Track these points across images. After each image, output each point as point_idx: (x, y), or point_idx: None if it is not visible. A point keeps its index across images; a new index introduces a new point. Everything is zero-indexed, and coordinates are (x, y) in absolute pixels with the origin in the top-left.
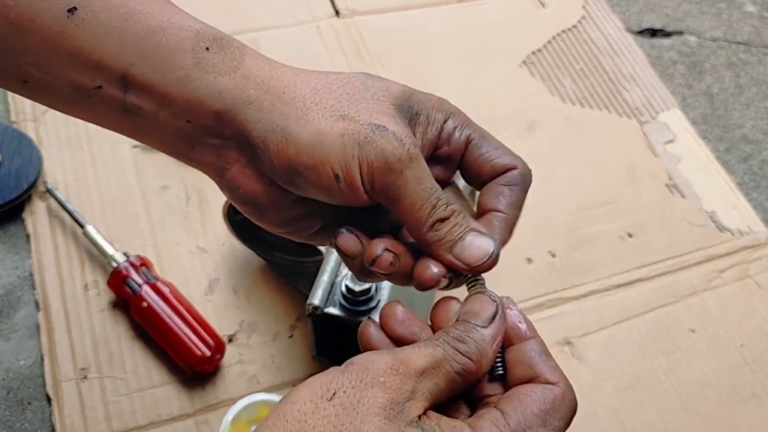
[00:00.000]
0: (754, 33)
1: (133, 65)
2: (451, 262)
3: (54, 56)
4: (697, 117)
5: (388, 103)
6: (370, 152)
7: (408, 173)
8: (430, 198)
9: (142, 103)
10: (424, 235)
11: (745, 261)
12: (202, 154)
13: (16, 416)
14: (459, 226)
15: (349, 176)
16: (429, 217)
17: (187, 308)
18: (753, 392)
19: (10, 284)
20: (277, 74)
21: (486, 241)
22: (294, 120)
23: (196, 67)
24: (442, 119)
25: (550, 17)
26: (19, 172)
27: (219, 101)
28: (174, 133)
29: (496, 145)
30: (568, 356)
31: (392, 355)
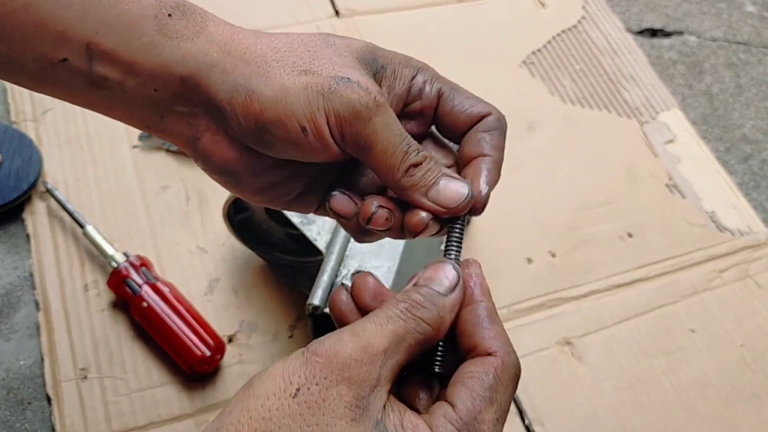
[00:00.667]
0: (754, 33)
1: (97, 34)
2: (428, 206)
3: (18, 29)
4: (697, 117)
5: (351, 57)
6: (336, 102)
7: (376, 120)
8: (401, 144)
9: (109, 73)
10: (399, 180)
11: (745, 261)
12: (173, 124)
13: (16, 416)
14: (432, 171)
15: (317, 128)
16: (402, 162)
17: (187, 308)
18: (753, 392)
19: (10, 284)
20: (238, 37)
21: (460, 184)
22: (256, 78)
23: (159, 33)
24: (410, 74)
25: (550, 17)
26: (19, 172)
27: (183, 66)
28: (143, 103)
29: (467, 95)
30: (568, 356)
31: (354, 341)
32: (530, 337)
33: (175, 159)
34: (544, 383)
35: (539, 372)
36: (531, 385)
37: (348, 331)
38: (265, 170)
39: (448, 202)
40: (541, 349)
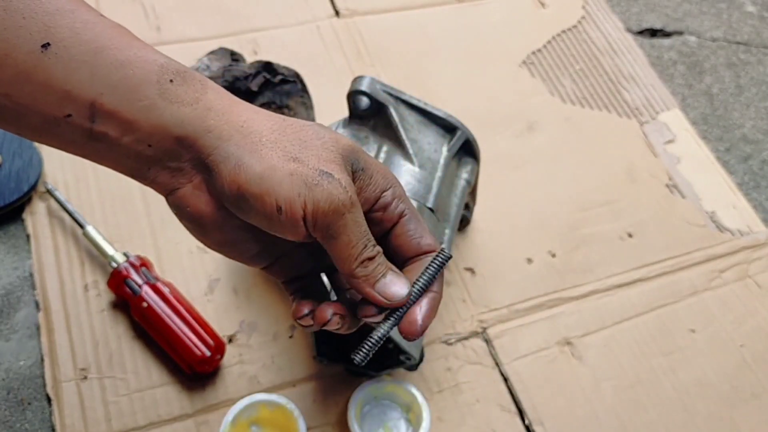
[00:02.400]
0: (754, 33)
1: (102, 95)
2: (372, 296)
3: (26, 88)
4: (697, 117)
5: (336, 153)
6: (317, 194)
7: (348, 216)
8: (363, 239)
9: (108, 130)
10: (353, 270)
11: (745, 261)
12: (157, 175)
13: (16, 416)
14: (381, 266)
15: (291, 210)
16: (360, 254)
17: (187, 308)
18: (753, 392)
19: (10, 284)
20: (237, 109)
21: (402, 282)
22: (249, 152)
23: (160, 97)
24: (383, 185)
25: (550, 17)
26: (19, 173)
27: (180, 128)
28: (134, 156)
29: (423, 227)
30: (568, 356)
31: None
32: (530, 337)
33: None
34: (544, 383)
35: (539, 372)
36: (531, 385)
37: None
38: (232, 229)
39: (389, 296)
40: (541, 349)
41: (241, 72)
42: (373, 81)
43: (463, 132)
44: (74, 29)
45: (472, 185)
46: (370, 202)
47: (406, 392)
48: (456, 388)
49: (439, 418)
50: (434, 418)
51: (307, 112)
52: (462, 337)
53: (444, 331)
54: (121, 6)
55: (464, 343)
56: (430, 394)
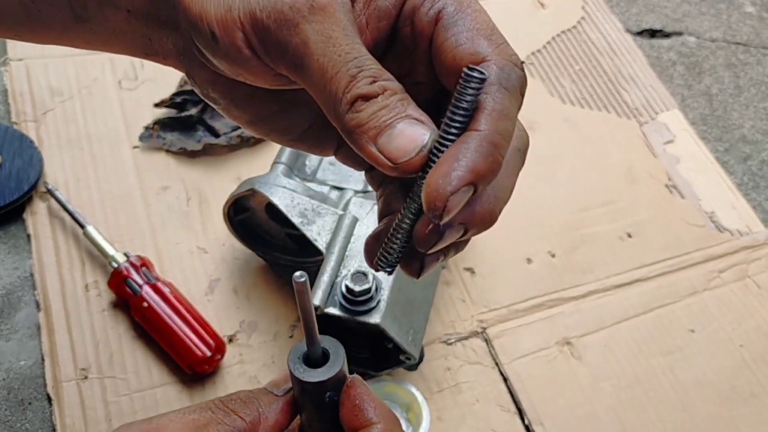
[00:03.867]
0: (753, 33)
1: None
2: (373, 156)
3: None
4: (696, 117)
5: None
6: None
7: (307, 27)
8: (347, 65)
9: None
10: (342, 116)
11: (745, 261)
12: (162, 44)
13: (16, 416)
14: (390, 110)
15: (227, 34)
16: (346, 90)
17: (187, 308)
18: (752, 392)
19: (10, 284)
20: None
21: (420, 130)
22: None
23: None
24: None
25: (549, 18)
26: (20, 173)
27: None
28: (126, 29)
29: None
30: (567, 356)
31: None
32: (530, 337)
33: (175, 159)
34: (543, 383)
35: (539, 372)
36: (530, 385)
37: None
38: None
39: (394, 154)
40: (540, 349)
41: None
42: None
43: None
44: None
45: None
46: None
47: (406, 392)
48: (456, 387)
49: (439, 417)
50: (434, 418)
51: None
52: (462, 336)
53: (444, 331)
54: None
55: (464, 342)
56: (429, 393)
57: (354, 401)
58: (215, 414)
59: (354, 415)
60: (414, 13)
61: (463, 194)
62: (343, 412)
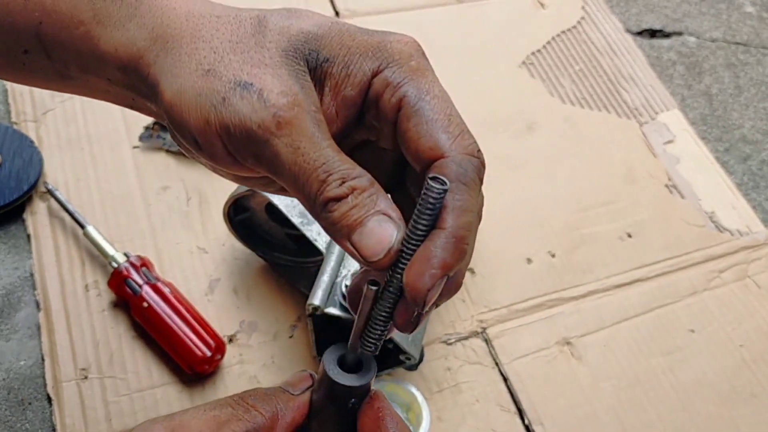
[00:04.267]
0: (753, 33)
1: (42, 24)
2: (350, 252)
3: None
4: (696, 117)
5: (275, 50)
6: (227, 117)
7: (276, 142)
8: (316, 171)
9: (68, 63)
10: (318, 217)
11: (745, 261)
12: (144, 105)
13: (16, 416)
14: (360, 208)
15: (208, 143)
16: (318, 195)
17: (187, 308)
18: (752, 392)
19: (10, 284)
20: (168, 20)
21: (389, 228)
22: (165, 74)
23: (94, 20)
24: (370, 70)
25: (549, 18)
26: (19, 173)
27: (116, 57)
28: (105, 90)
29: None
30: (567, 356)
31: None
32: (530, 337)
33: (175, 159)
34: (543, 383)
35: (539, 372)
36: (530, 385)
37: (169, 416)
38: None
39: (367, 252)
40: (540, 349)
41: None
42: None
43: None
44: None
45: None
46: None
47: (406, 392)
48: (456, 387)
49: (439, 417)
50: (434, 418)
51: None
52: (462, 336)
53: (444, 331)
54: None
55: (464, 342)
56: (429, 393)
57: (377, 413)
58: (236, 410)
59: (375, 426)
60: (378, 99)
61: (438, 286)
62: (364, 421)
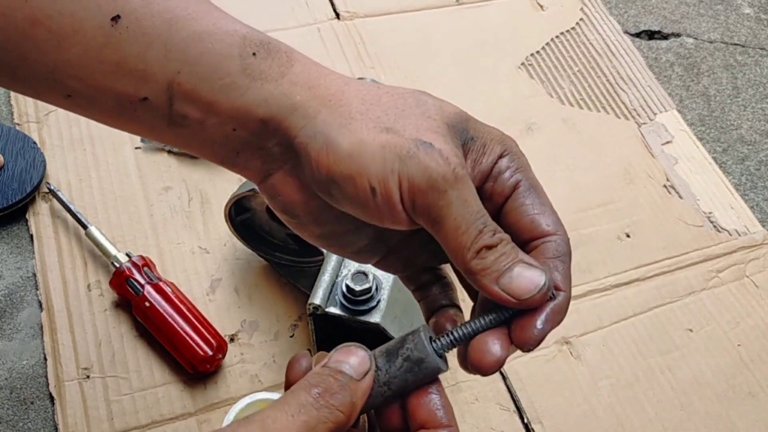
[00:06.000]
0: (750, 35)
1: (179, 74)
2: (496, 294)
3: (98, 68)
4: (694, 118)
5: (440, 122)
6: (412, 168)
7: (452, 193)
8: (476, 222)
9: (189, 112)
10: (468, 262)
11: (743, 261)
12: (248, 160)
13: (19, 416)
14: (507, 256)
15: (386, 191)
16: (474, 242)
17: (189, 308)
18: (750, 391)
19: (13, 284)
20: (325, 81)
21: (537, 273)
22: (337, 128)
23: (242, 74)
24: (499, 151)
25: (548, 20)
26: (22, 174)
27: (265, 108)
28: (220, 140)
29: (542, 201)
30: (566, 355)
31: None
32: None
33: (177, 160)
34: (542, 382)
35: (538, 371)
36: (529, 384)
37: (258, 423)
38: (330, 220)
39: (519, 292)
40: (539, 349)
41: None
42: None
43: None
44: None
45: None
46: (484, 174)
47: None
48: (455, 387)
49: None
50: None
51: None
52: None
53: None
54: None
55: None
56: None
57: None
58: (320, 412)
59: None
60: (498, 175)
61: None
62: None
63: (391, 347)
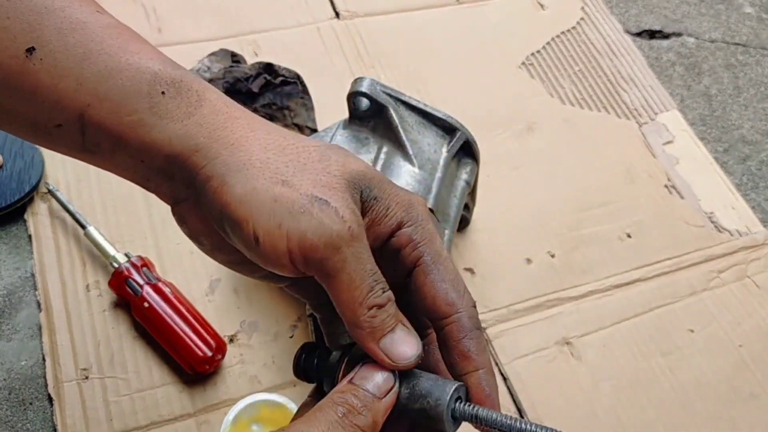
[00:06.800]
0: (752, 34)
1: (89, 106)
2: (376, 353)
3: (13, 94)
4: (695, 118)
5: (340, 178)
6: (303, 224)
7: (347, 251)
8: (368, 279)
9: (100, 142)
10: (359, 317)
11: (744, 261)
12: (158, 186)
13: (17, 416)
14: (392, 318)
15: (270, 242)
16: (365, 299)
17: (188, 308)
18: (752, 392)
19: (11, 285)
20: (231, 125)
21: (414, 341)
22: (234, 172)
23: (149, 111)
24: (401, 218)
25: (549, 19)
26: (21, 174)
27: (169, 146)
28: (132, 168)
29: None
30: (567, 356)
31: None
32: (529, 337)
33: None
34: (543, 383)
35: (538, 372)
36: (530, 385)
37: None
38: (234, 250)
39: (396, 357)
40: (540, 349)
41: (242, 73)
42: (373, 82)
43: (463, 133)
44: (61, 31)
45: (472, 186)
46: (382, 237)
47: None
48: None
49: None
50: None
51: (307, 113)
52: None
53: None
54: (122, 7)
55: None
56: None
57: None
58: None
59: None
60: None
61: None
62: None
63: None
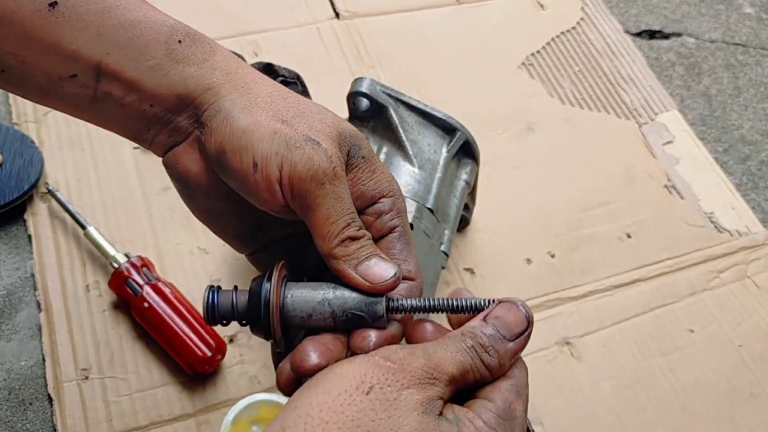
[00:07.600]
0: (752, 34)
1: (108, 55)
2: (353, 279)
3: (33, 47)
4: (695, 118)
5: (333, 129)
6: (296, 156)
7: (329, 187)
8: (345, 216)
9: (112, 90)
10: (333, 248)
11: (744, 261)
12: (156, 135)
13: (17, 417)
14: (367, 248)
15: (267, 168)
16: (341, 232)
17: (188, 309)
18: (751, 392)
19: (11, 285)
20: (242, 71)
21: (390, 265)
22: (240, 108)
23: (167, 57)
24: (385, 189)
25: (549, 19)
26: (20, 173)
27: (183, 86)
28: (135, 116)
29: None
30: (567, 356)
31: (426, 358)
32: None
33: None
34: (543, 383)
35: (538, 372)
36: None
37: (421, 349)
38: (217, 197)
39: (374, 278)
40: (540, 349)
41: None
42: (373, 82)
43: (463, 133)
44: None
45: (472, 186)
46: (364, 199)
47: None
48: None
49: None
50: None
51: None
52: None
53: None
54: None
55: None
56: None
57: None
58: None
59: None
60: (379, 215)
61: None
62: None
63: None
